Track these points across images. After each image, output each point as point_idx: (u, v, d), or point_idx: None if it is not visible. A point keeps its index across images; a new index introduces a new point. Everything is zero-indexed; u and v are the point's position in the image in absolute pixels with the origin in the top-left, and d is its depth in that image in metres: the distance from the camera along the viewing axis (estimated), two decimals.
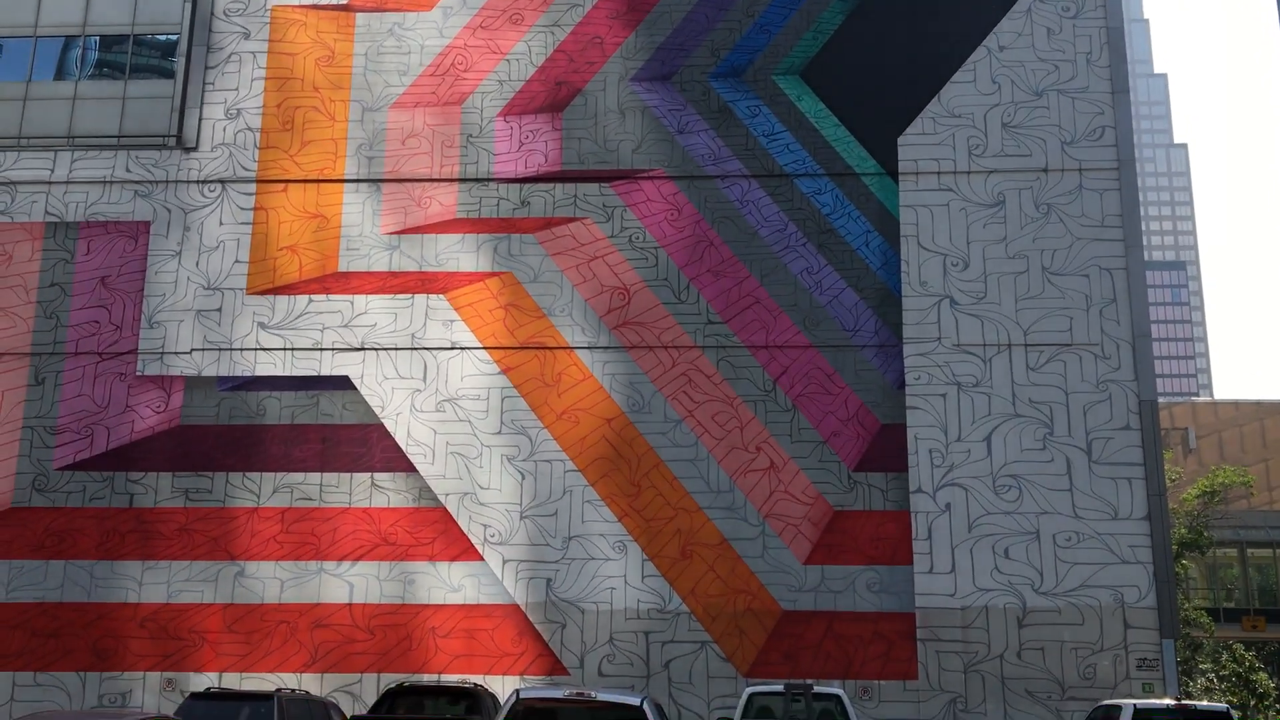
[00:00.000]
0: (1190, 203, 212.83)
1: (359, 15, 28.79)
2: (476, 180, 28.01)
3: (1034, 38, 27.28)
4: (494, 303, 27.00)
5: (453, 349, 26.60)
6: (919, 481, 25.05)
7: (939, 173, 26.91)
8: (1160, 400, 30.78)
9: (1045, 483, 24.82)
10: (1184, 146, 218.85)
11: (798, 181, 27.91)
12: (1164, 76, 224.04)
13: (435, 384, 26.42)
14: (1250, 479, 44.18)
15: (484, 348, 26.64)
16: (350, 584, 25.39)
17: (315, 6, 28.71)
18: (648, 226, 27.58)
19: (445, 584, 25.33)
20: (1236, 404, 49.84)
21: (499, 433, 26.07)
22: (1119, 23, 27.25)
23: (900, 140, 27.17)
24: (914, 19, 28.47)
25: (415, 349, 26.63)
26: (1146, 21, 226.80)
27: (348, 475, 26.16)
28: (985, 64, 27.28)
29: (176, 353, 26.75)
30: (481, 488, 25.73)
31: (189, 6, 28.63)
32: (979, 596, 24.35)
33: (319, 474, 26.16)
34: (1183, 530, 41.47)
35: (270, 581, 25.46)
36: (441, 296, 27.00)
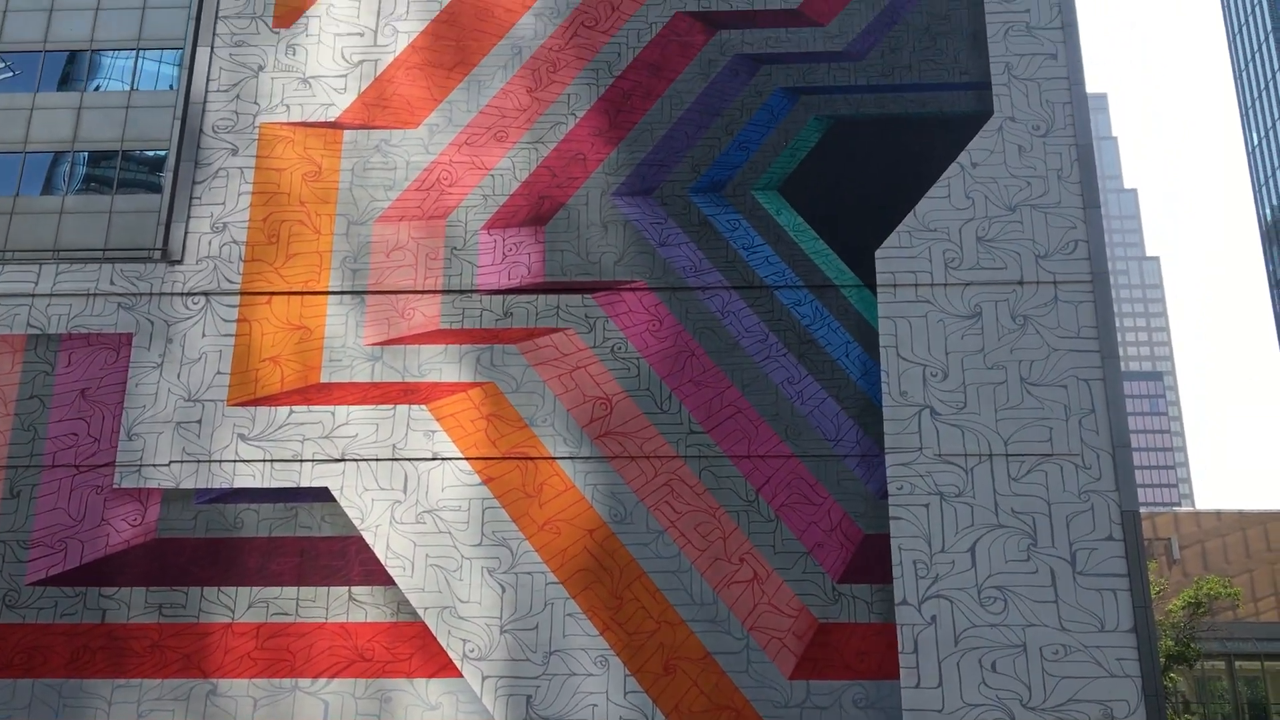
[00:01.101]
0: (1164, 314, 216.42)
1: (346, 132, 29.46)
2: (460, 292, 28.31)
3: (1006, 155, 28.13)
4: (476, 413, 27.12)
5: (434, 460, 26.62)
6: (904, 593, 24.97)
7: (916, 285, 27.37)
8: (1142, 510, 30.93)
9: (1031, 594, 24.78)
10: (1156, 259, 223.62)
11: (778, 293, 28.32)
12: (1134, 192, 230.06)
13: (416, 495, 26.36)
14: (1236, 591, 44.03)
15: (465, 458, 26.66)
16: (325, 702, 24.93)
17: (304, 124, 29.43)
18: (630, 337, 27.85)
19: (423, 701, 24.89)
20: (1219, 514, 49.91)
21: (479, 544, 25.94)
22: (1088, 140, 28.15)
23: (878, 253, 27.70)
24: (888, 137, 29.38)
25: (396, 460, 26.64)
26: (1115, 139, 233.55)
27: (325, 589, 25.89)
28: (959, 180, 28.06)
29: (155, 465, 26.68)
30: (461, 601, 25.49)
31: (178, 123, 29.29)
32: (968, 712, 24.07)
33: (296, 588, 25.89)
34: (1170, 642, 41.14)
35: (243, 700, 24.96)
36: (423, 407, 27.10)
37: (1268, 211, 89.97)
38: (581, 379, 27.40)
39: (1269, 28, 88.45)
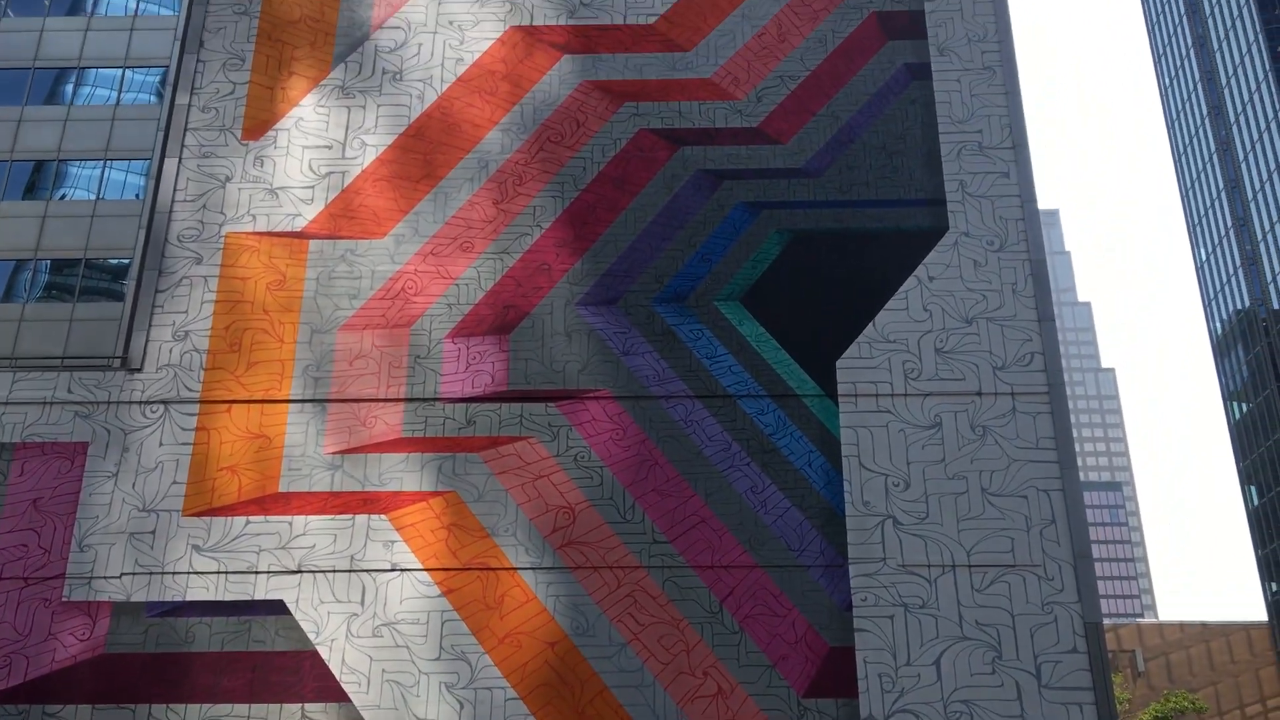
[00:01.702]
0: (1121, 425, 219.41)
1: (313, 242, 29.69)
2: (423, 400, 28.29)
3: (962, 269, 28.81)
4: (437, 523, 26.86)
5: (393, 571, 26.25)
6: (869, 708, 24.68)
7: (877, 395, 27.68)
8: (1106, 622, 30.93)
9: (997, 709, 24.58)
10: (1111, 371, 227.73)
11: (741, 402, 28.52)
12: (1088, 305, 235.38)
13: (373, 608, 25.92)
14: (1203, 705, 43.86)
15: (425, 569, 26.30)
16: None
17: (270, 233, 29.67)
18: (593, 446, 27.85)
19: None
20: (1182, 626, 49.93)
21: (438, 659, 25.44)
22: (1041, 255, 28.90)
23: (839, 364, 28.03)
24: (847, 251, 30.04)
25: (354, 571, 26.24)
26: (1068, 253, 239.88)
27: (278, 706, 25.20)
28: (917, 293, 28.64)
29: (106, 577, 26.10)
30: (418, 718, 24.89)
31: (143, 232, 29.43)
32: None
33: (247, 705, 25.19)
34: None
35: None
36: (383, 517, 26.82)
37: (1218, 325, 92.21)
38: (544, 488, 27.29)
39: (1212, 149, 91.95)
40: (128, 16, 42.05)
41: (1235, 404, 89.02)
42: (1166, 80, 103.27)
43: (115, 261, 29.72)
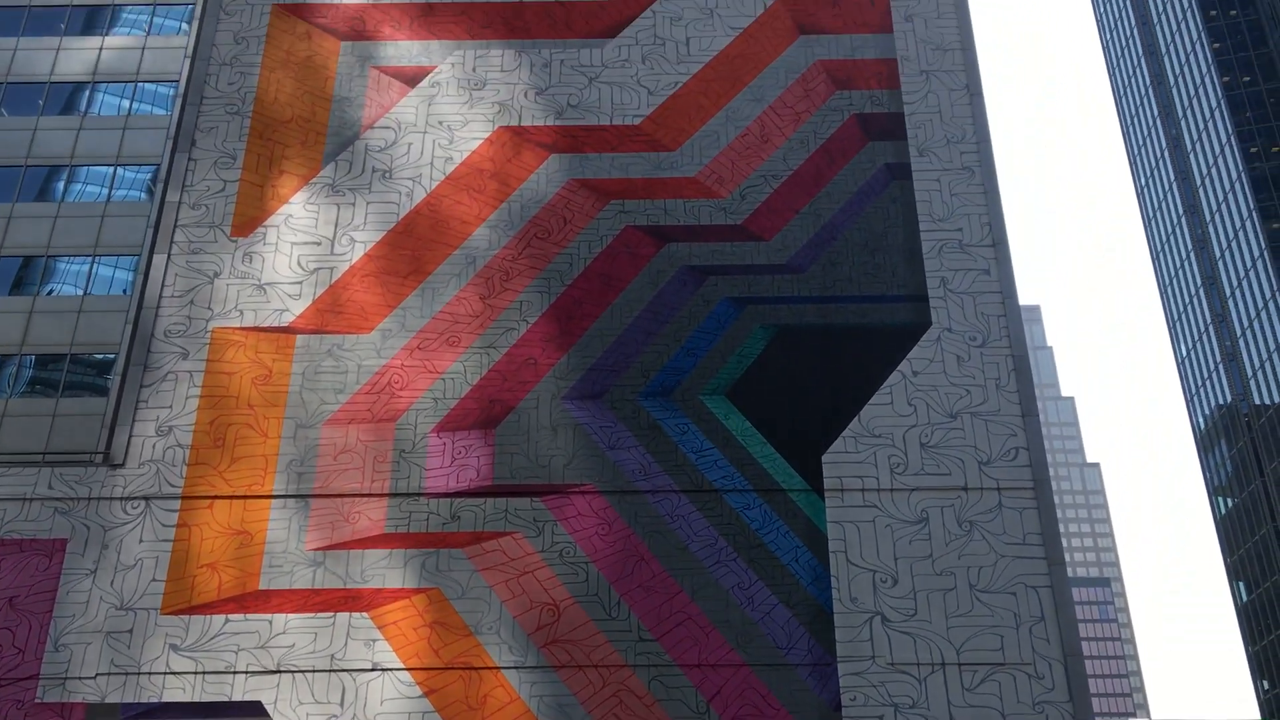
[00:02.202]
0: (1108, 520, 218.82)
1: (299, 337, 29.78)
2: (407, 495, 28.09)
3: (945, 364, 29.05)
4: (419, 620, 26.47)
5: (374, 670, 25.77)
6: None
7: (863, 490, 27.62)
8: None
9: None
10: (1097, 465, 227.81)
11: (727, 497, 28.39)
12: (1071, 399, 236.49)
13: (353, 709, 25.38)
14: None
15: (407, 669, 25.84)
16: None
17: (257, 328, 29.77)
18: (578, 541, 27.61)
19: None
20: None
21: None
22: (1023, 351, 29.21)
23: (825, 458, 28.04)
24: (831, 346, 30.28)
25: (334, 671, 25.75)
26: (1050, 348, 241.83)
27: None
28: (901, 387, 28.81)
29: (80, 678, 25.54)
30: None
31: (130, 328, 29.48)
32: None
33: None
34: None
35: None
36: (365, 615, 26.43)
37: (1200, 420, 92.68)
38: (529, 584, 26.98)
39: (1189, 246, 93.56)
40: (120, 116, 42.73)
41: (1220, 499, 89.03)
42: (1142, 179, 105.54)
43: (100, 356, 29.70)
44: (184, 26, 45.63)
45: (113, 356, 29.40)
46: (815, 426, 28.78)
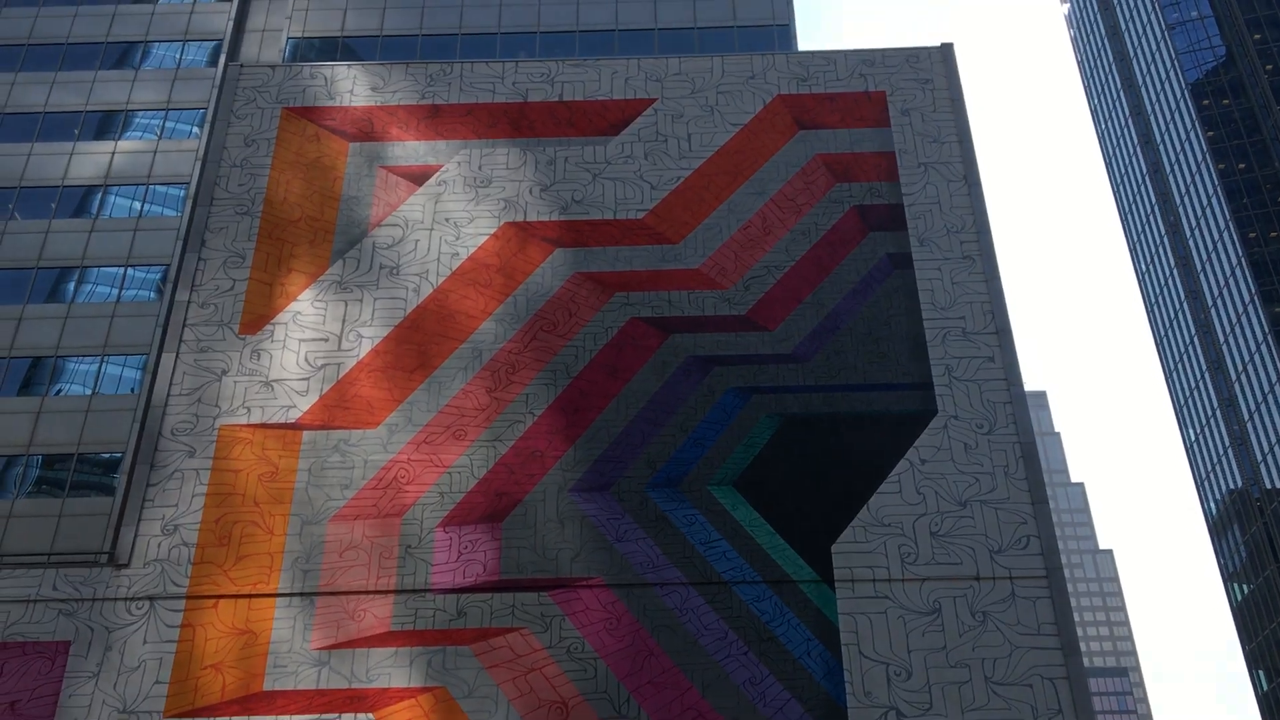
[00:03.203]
0: (1123, 607, 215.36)
1: (306, 433, 29.84)
2: (413, 591, 27.82)
3: (953, 452, 28.99)
4: None
5: None
6: None
7: (874, 580, 27.34)
8: None
9: None
10: (1110, 552, 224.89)
11: (736, 588, 28.08)
12: (1081, 486, 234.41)
13: None
14: None
15: None
16: None
17: (263, 425, 29.85)
18: (586, 636, 27.27)
19: None
20: None
21: None
22: (1030, 438, 29.18)
23: (834, 549, 27.83)
24: (838, 434, 30.28)
25: None
26: (1058, 434, 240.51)
27: None
28: (909, 476, 28.72)
29: None
30: None
31: (137, 427, 29.60)
32: None
33: None
34: None
35: None
36: (370, 715, 26.00)
37: (1212, 506, 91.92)
38: (537, 682, 26.59)
39: (1192, 331, 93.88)
40: (131, 218, 43.44)
41: (1236, 585, 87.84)
42: (1143, 265, 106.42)
43: (108, 456, 29.74)
44: (195, 130, 46.67)
45: (120, 455, 29.44)
46: (824, 516, 28.61)
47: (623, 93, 34.76)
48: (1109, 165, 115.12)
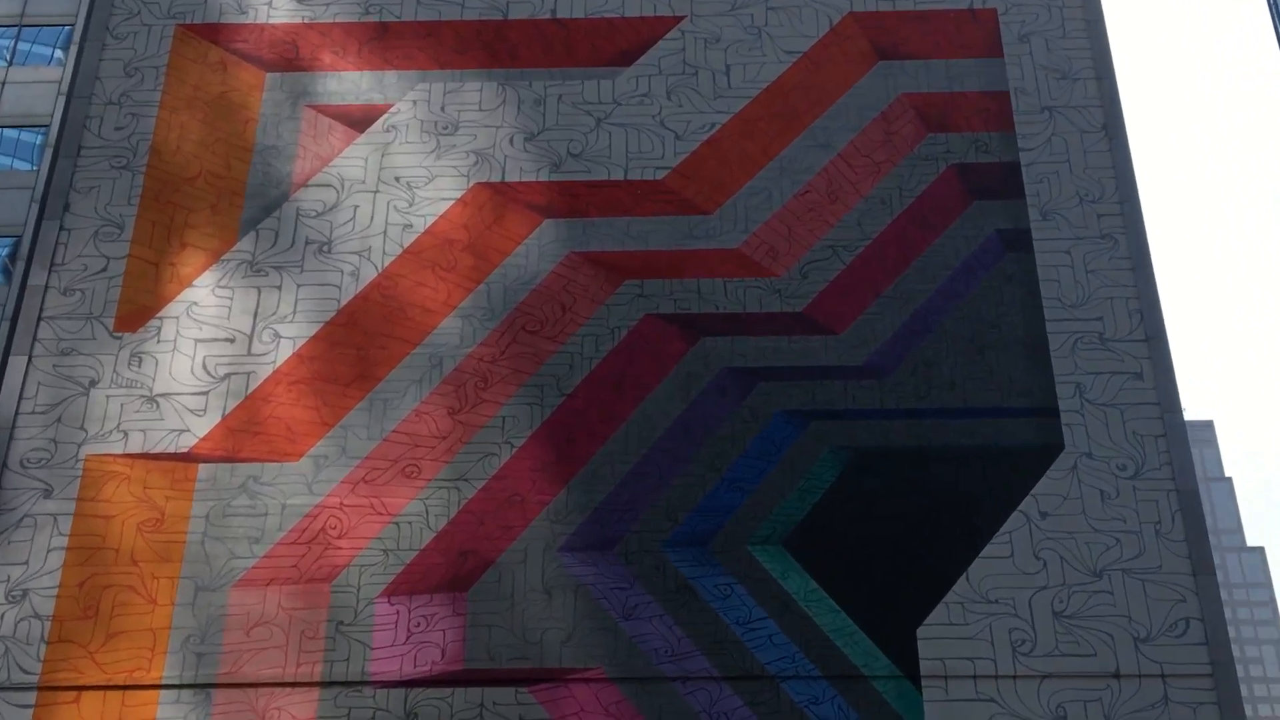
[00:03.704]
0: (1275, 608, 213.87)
1: (202, 467, 29.80)
2: (346, 684, 27.84)
3: (1084, 503, 28.78)
4: None
5: None
6: None
7: (976, 676, 27.24)
8: None
9: None
10: (1260, 550, 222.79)
11: (786, 685, 28.08)
12: (1260, 550, 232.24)
13: None
14: None
15: None
16: None
17: (145, 455, 29.82)
18: None
19: None
20: None
21: None
22: (1192, 485, 28.94)
23: (920, 632, 27.74)
24: (926, 476, 30.09)
25: None
26: (1229, 480, 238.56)
27: None
28: (1024, 534, 28.54)
29: None
30: None
31: None
32: None
33: None
34: None
35: None
36: None
37: None
38: None
39: None
40: None
41: None
42: None
43: None
44: (58, 54, 46.62)
45: None
46: (906, 588, 28.54)
47: (638, 8, 34.67)
48: None
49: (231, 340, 30.92)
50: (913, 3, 34.57)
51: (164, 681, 27.73)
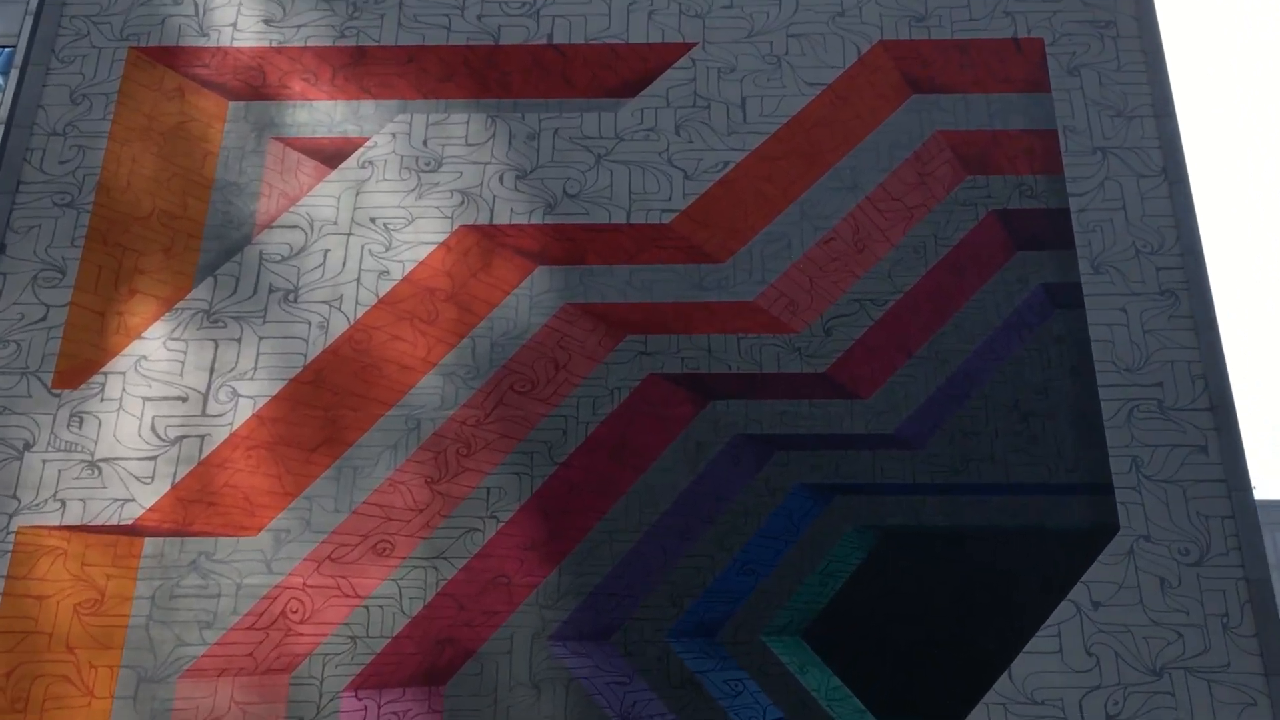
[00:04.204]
0: None
1: (149, 541, 29.59)
2: None
3: (1143, 591, 28.39)
4: None
5: None
6: None
7: None
8: None
9: None
10: None
11: None
12: None
13: None
14: None
15: None
16: None
17: (84, 527, 29.49)
18: None
19: None
20: None
21: None
22: (1265, 573, 28.64)
23: None
24: (961, 560, 29.84)
25: None
26: None
27: None
28: (1074, 627, 28.14)
29: None
30: None
31: None
32: None
33: None
34: None
35: None
36: None
37: None
38: None
39: None
40: None
41: None
42: None
43: None
44: None
45: None
46: (939, 684, 28.26)
47: (644, 33, 34.56)
48: None
49: (184, 399, 30.60)
50: (950, 30, 34.42)
51: None
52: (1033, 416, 31.12)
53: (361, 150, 33.57)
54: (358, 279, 32.16)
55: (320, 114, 34.17)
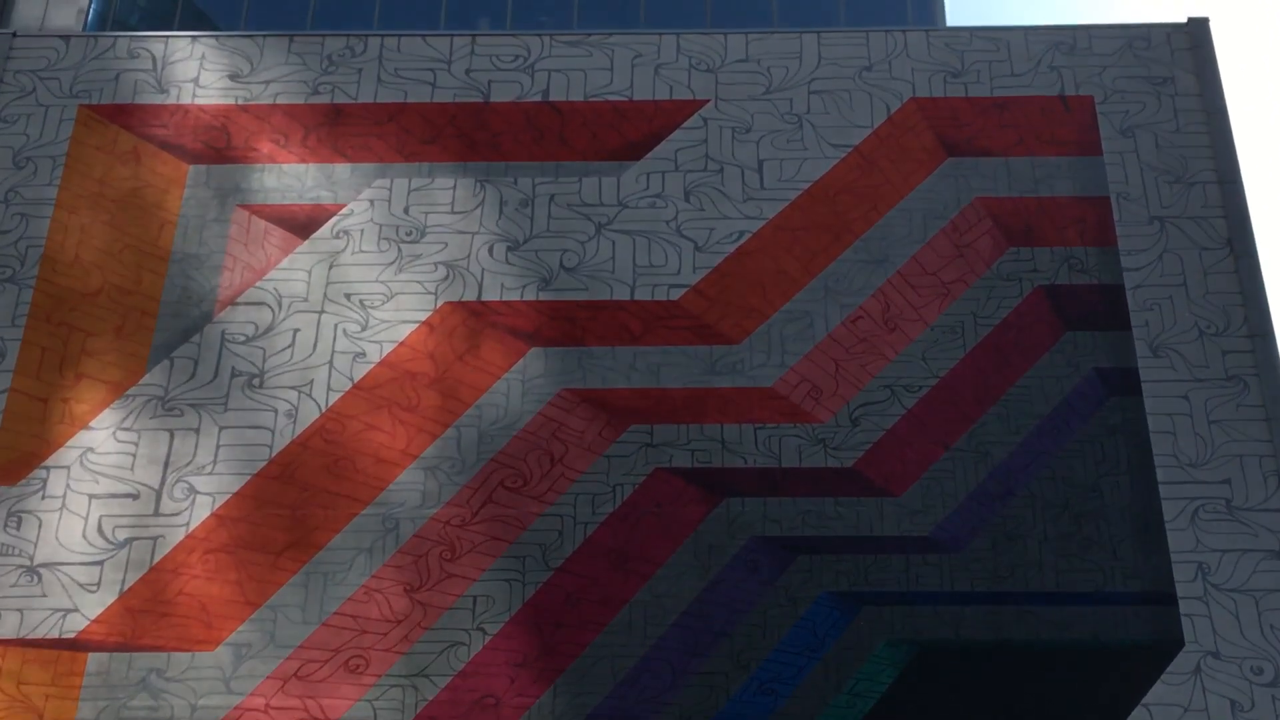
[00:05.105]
0: None
1: (93, 657, 29.60)
2: None
3: (1210, 712, 28.33)
4: None
5: None
6: None
7: None
8: None
9: None
10: None
11: None
12: None
13: None
14: None
15: None
16: None
17: (22, 641, 29.51)
18: None
19: None
20: None
21: None
22: None
23: None
24: (1008, 678, 29.85)
25: None
26: None
27: None
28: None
29: None
30: None
31: None
32: None
33: None
34: None
35: None
36: None
37: None
38: None
39: None
40: None
41: None
42: None
43: None
44: None
45: None
46: None
47: (650, 89, 34.91)
48: None
49: (135, 496, 30.70)
50: (990, 87, 34.70)
51: None
52: (1085, 518, 31.08)
53: (336, 219, 33.75)
54: (330, 362, 32.31)
55: (290, 178, 34.44)
